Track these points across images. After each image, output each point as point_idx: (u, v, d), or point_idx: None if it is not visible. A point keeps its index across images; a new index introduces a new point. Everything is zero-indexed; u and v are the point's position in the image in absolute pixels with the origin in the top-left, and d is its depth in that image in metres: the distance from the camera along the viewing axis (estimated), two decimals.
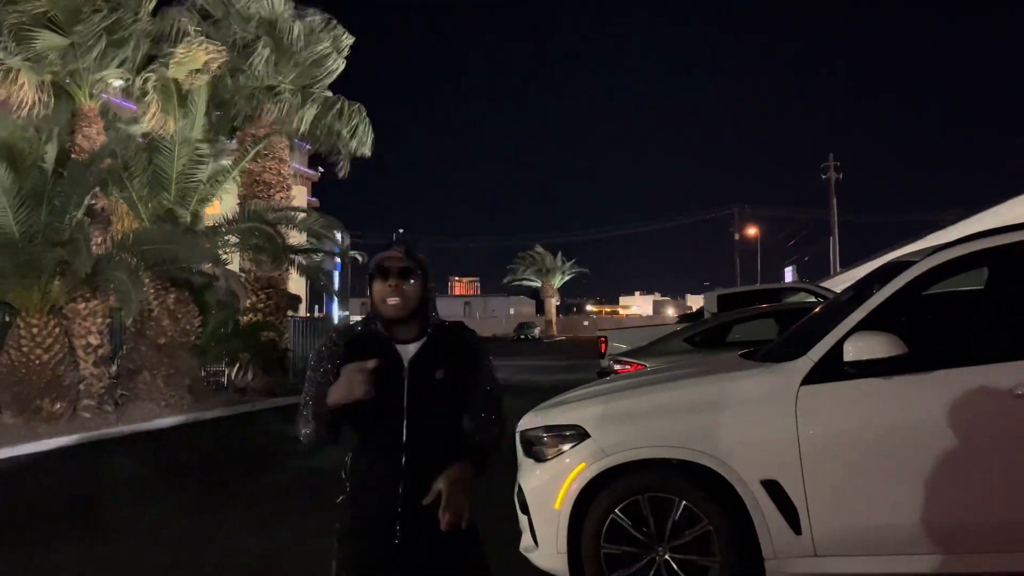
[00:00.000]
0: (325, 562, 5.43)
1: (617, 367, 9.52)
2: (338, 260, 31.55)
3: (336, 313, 38.84)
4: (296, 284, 22.08)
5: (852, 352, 3.73)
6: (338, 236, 22.93)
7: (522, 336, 65.75)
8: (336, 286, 34.25)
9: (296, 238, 18.73)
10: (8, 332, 12.32)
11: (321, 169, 38.92)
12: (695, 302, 74.33)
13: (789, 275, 44.80)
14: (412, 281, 2.38)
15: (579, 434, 4.16)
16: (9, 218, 11.56)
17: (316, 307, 37.96)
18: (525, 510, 4.29)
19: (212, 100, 17.12)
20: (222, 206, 17.42)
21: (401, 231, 74.40)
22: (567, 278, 75.18)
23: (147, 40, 14.95)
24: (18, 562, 5.56)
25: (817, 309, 5.90)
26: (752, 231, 54.70)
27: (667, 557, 3.98)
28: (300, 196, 27.07)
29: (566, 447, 4.15)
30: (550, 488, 4.13)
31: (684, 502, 3.97)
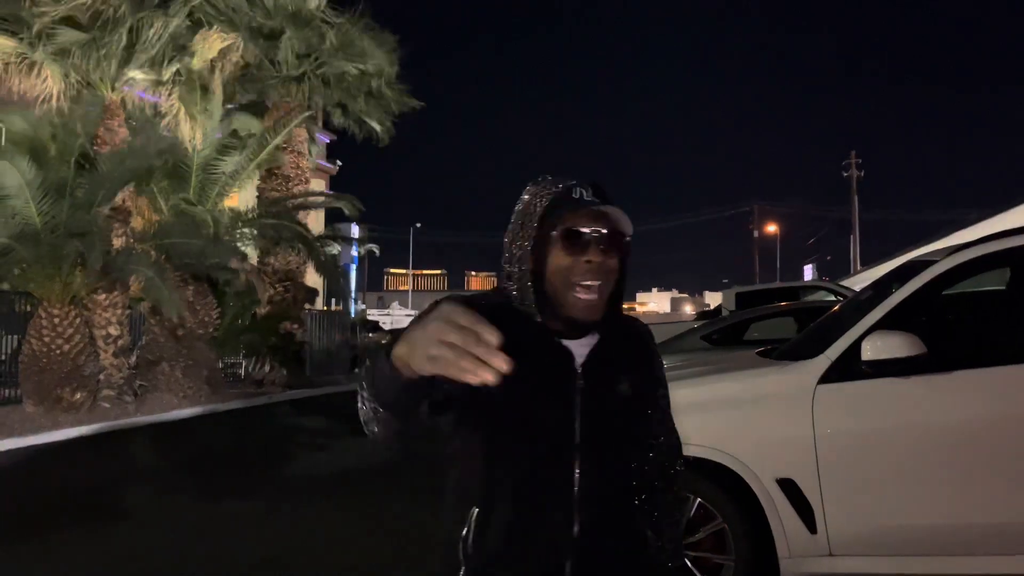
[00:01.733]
0: (336, 555, 5.44)
1: None
2: (355, 254, 31.67)
3: (353, 307, 39.01)
4: (314, 277, 22.17)
5: (870, 351, 3.70)
6: (354, 229, 23.02)
7: None
8: (353, 280, 34.33)
9: (314, 226, 18.89)
10: (30, 322, 12.46)
11: (339, 162, 39.03)
12: (713, 299, 74.02)
13: (809, 273, 44.55)
14: (620, 257, 1.56)
15: None
16: (32, 209, 11.68)
17: (333, 300, 38.11)
18: None
19: (238, 90, 17.25)
20: (239, 198, 17.55)
21: (418, 225, 74.09)
22: None
23: (168, 34, 14.99)
24: (35, 549, 5.63)
25: (836, 308, 5.87)
26: (772, 228, 54.37)
27: None
28: (318, 189, 27.14)
29: None
30: None
31: (699, 499, 3.96)
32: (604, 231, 1.52)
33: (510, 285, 1.60)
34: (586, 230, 1.52)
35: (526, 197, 1.59)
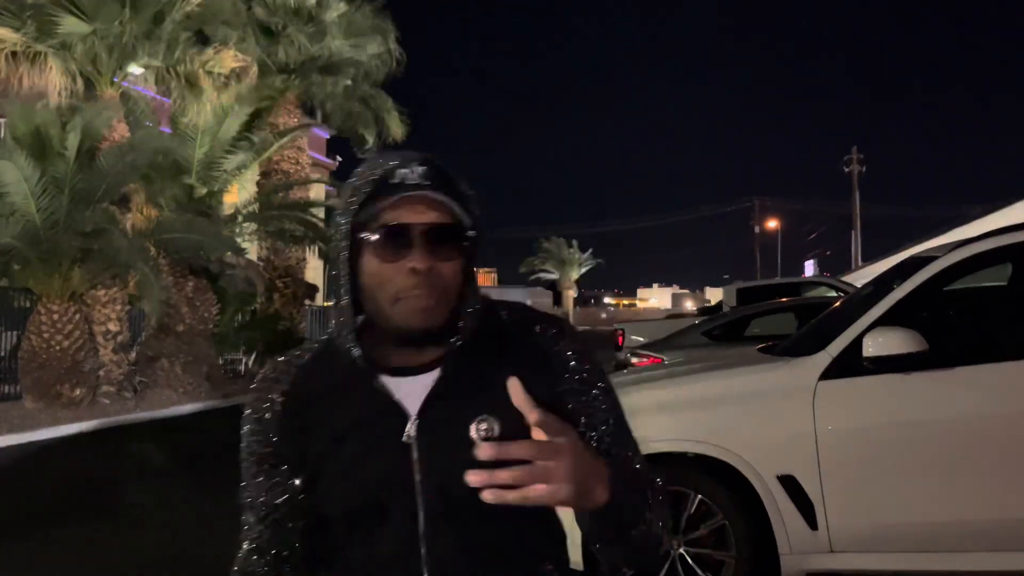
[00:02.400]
0: None
1: (634, 360, 9.49)
2: None
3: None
4: (314, 273, 22.16)
5: (871, 347, 3.69)
6: None
7: None
8: None
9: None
10: (29, 318, 12.45)
11: (339, 158, 39.00)
12: (714, 295, 74.07)
13: (810, 269, 44.47)
14: (456, 254, 1.18)
15: None
16: (31, 206, 11.64)
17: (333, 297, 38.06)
18: None
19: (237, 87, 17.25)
20: (239, 193, 17.57)
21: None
22: (584, 269, 75.01)
23: (177, 29, 14.96)
24: (35, 545, 5.62)
25: (837, 304, 5.85)
26: (773, 224, 54.34)
27: (682, 551, 3.96)
28: (317, 185, 27.14)
29: None
30: None
31: (700, 496, 3.95)
32: (435, 224, 1.15)
33: (334, 314, 1.24)
34: (408, 223, 1.15)
35: (347, 184, 1.21)
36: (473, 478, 0.99)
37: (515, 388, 1.05)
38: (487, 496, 0.99)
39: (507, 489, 0.99)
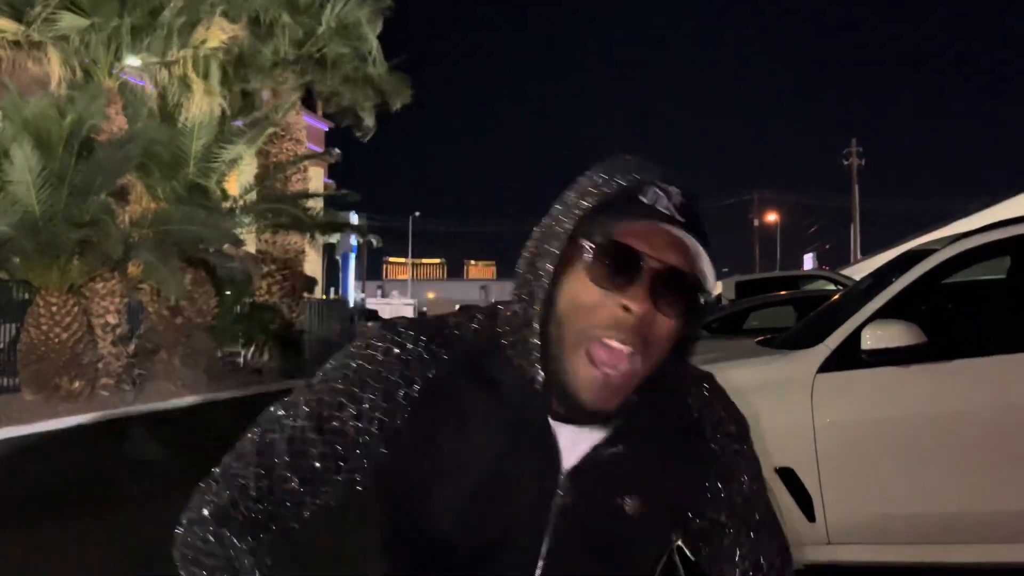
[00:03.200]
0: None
1: None
2: (354, 243, 31.67)
3: (352, 295, 38.99)
4: (312, 266, 22.17)
5: (870, 340, 3.69)
6: (353, 217, 23.05)
7: None
8: (352, 269, 34.20)
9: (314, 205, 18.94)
10: (28, 311, 12.44)
11: (337, 151, 38.94)
12: (714, 288, 73.87)
13: (809, 262, 44.49)
14: (679, 311, 0.99)
15: None
16: (32, 197, 11.61)
17: (332, 289, 38.14)
18: None
19: (234, 78, 17.19)
20: (237, 186, 17.58)
21: (417, 214, 73.80)
22: None
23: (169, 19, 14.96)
24: (34, 538, 5.62)
25: (836, 297, 5.85)
26: (772, 217, 54.32)
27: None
28: (316, 177, 27.14)
29: None
30: None
31: None
32: (674, 267, 0.95)
33: (509, 312, 1.04)
34: (645, 253, 0.94)
35: (580, 181, 1.02)
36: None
37: None
38: None
39: None
